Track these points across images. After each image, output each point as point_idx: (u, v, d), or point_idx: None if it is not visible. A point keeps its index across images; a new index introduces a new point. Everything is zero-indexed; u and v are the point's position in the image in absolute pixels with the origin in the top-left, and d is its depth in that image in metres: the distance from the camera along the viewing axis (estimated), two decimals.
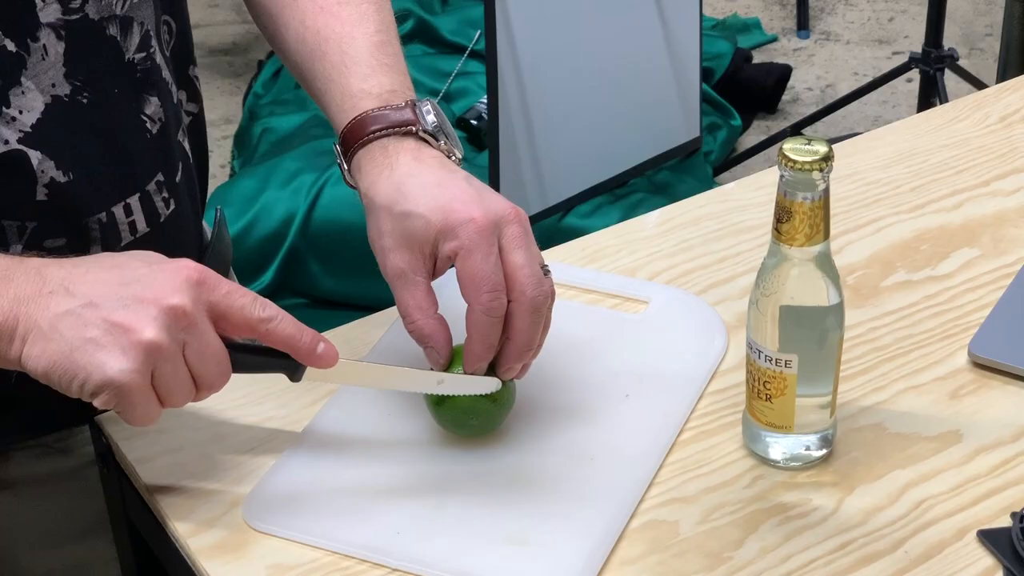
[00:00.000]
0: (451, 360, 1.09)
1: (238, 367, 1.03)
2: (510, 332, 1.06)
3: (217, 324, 1.00)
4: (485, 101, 2.72)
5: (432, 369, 1.08)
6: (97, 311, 0.97)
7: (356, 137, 1.10)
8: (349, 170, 1.12)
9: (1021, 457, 1.10)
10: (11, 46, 1.05)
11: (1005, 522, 1.04)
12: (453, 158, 1.11)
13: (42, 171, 1.09)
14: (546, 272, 1.07)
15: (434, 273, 1.08)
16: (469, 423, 1.10)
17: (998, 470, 1.09)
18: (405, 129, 1.09)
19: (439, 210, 1.05)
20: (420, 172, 1.07)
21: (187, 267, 1.00)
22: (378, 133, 1.09)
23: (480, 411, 1.09)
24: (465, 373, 1.08)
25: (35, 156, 1.08)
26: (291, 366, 1.06)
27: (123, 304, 0.97)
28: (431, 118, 1.10)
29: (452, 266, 1.07)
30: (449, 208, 1.05)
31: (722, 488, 1.09)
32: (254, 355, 1.05)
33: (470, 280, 1.04)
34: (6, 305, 0.98)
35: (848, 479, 1.09)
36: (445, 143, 1.10)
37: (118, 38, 1.11)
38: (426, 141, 1.10)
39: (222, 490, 1.09)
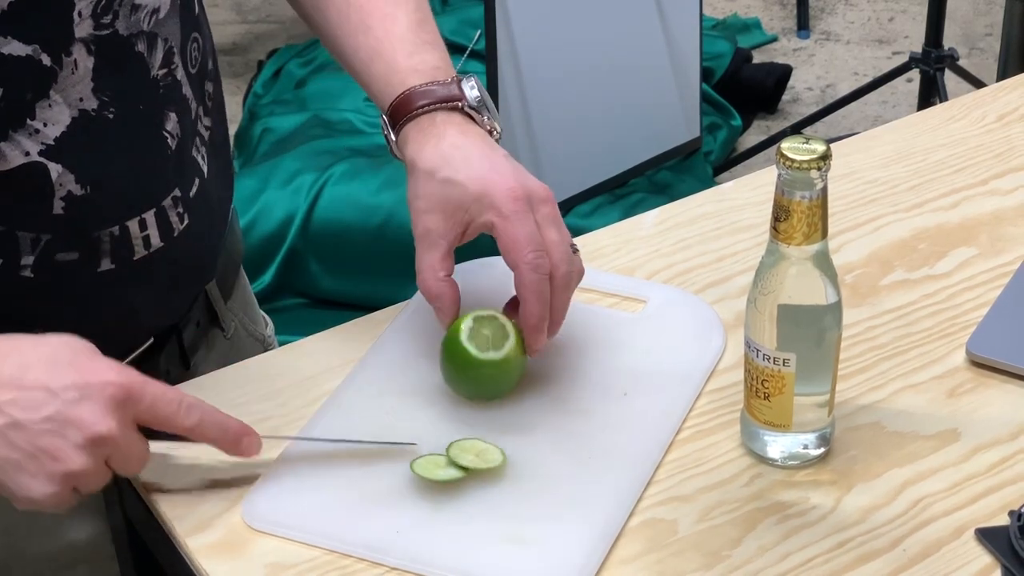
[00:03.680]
0: (456, 321, 1.13)
1: (171, 437, 1.06)
2: None
3: (146, 424, 1.03)
4: None
5: None
6: (23, 434, 0.98)
7: (405, 111, 1.15)
8: (396, 142, 1.17)
9: (1019, 455, 1.11)
10: (46, 60, 1.06)
11: (1003, 520, 1.04)
12: (495, 134, 1.16)
13: (60, 184, 1.09)
14: (575, 250, 1.13)
15: (462, 238, 1.13)
16: (482, 384, 1.14)
17: (996, 468, 1.09)
18: (452, 104, 1.15)
19: (478, 180, 1.11)
20: (465, 145, 1.13)
21: (111, 384, 1.00)
22: (426, 108, 1.15)
23: (491, 374, 1.13)
24: (526, 336, 1.11)
25: (55, 169, 1.08)
26: None
27: (49, 427, 0.99)
28: (474, 93, 1.16)
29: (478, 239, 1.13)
30: (488, 179, 1.11)
31: (720, 487, 1.09)
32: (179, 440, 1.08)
33: (514, 243, 1.10)
34: None
35: (846, 478, 1.09)
36: (488, 119, 1.16)
37: (144, 54, 1.12)
38: (471, 117, 1.15)
39: (220, 489, 1.09)
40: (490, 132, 1.16)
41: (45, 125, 1.07)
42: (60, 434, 0.99)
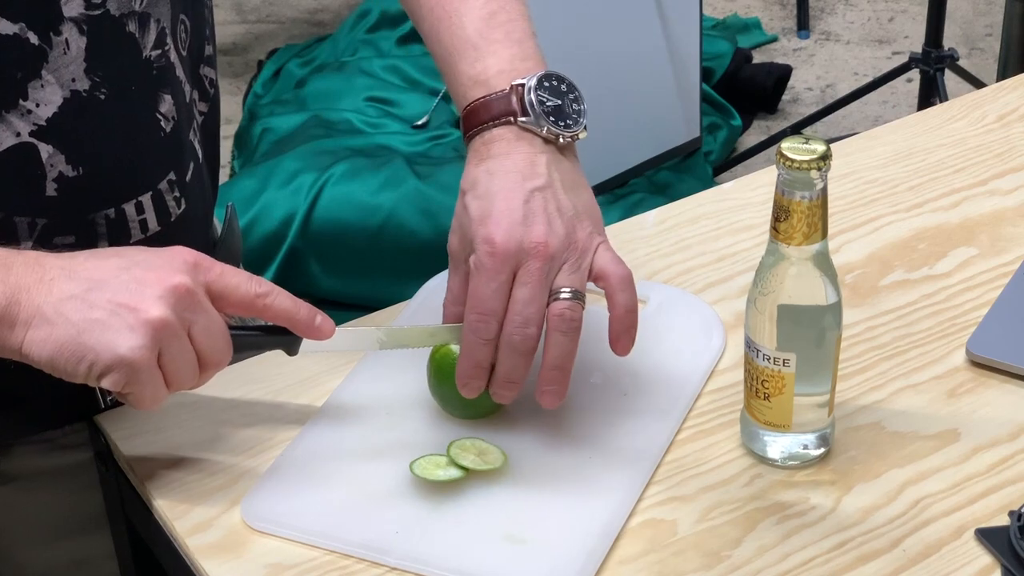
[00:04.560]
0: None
1: (237, 348, 1.05)
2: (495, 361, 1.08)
3: (215, 304, 1.03)
4: None
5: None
6: (102, 293, 0.99)
7: (467, 127, 1.13)
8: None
9: (1019, 456, 1.10)
10: (34, 39, 1.06)
11: (1003, 521, 1.04)
12: (563, 140, 1.12)
13: (51, 165, 1.09)
14: (575, 298, 1.07)
15: None
16: (466, 403, 1.11)
17: (996, 469, 1.09)
18: (504, 120, 1.11)
19: (480, 219, 1.07)
20: (499, 172, 1.09)
21: (182, 251, 1.03)
22: (481, 127, 1.12)
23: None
24: (459, 389, 1.09)
25: (45, 149, 1.09)
26: (287, 341, 1.08)
27: (126, 286, 1.00)
28: (531, 97, 1.11)
29: None
30: (486, 221, 1.07)
31: (720, 487, 1.09)
32: (251, 334, 1.08)
33: (469, 296, 1.07)
34: (7, 291, 0.99)
35: (846, 478, 1.09)
36: (549, 128, 1.11)
37: (136, 35, 1.12)
38: (527, 129, 1.11)
39: (220, 489, 1.09)
40: (556, 139, 1.12)
41: (37, 105, 1.07)
42: (138, 291, 0.99)
